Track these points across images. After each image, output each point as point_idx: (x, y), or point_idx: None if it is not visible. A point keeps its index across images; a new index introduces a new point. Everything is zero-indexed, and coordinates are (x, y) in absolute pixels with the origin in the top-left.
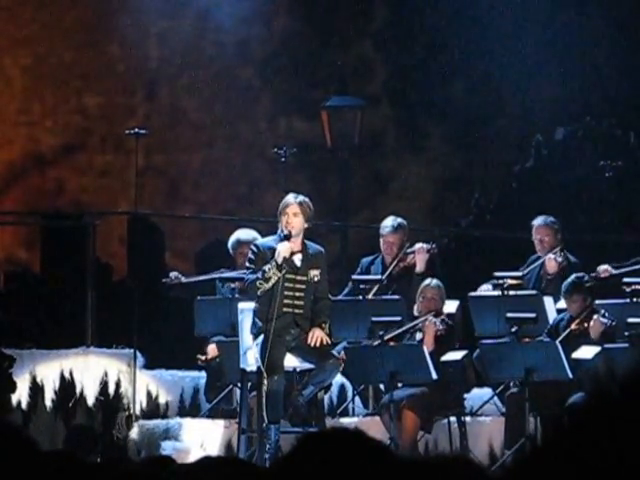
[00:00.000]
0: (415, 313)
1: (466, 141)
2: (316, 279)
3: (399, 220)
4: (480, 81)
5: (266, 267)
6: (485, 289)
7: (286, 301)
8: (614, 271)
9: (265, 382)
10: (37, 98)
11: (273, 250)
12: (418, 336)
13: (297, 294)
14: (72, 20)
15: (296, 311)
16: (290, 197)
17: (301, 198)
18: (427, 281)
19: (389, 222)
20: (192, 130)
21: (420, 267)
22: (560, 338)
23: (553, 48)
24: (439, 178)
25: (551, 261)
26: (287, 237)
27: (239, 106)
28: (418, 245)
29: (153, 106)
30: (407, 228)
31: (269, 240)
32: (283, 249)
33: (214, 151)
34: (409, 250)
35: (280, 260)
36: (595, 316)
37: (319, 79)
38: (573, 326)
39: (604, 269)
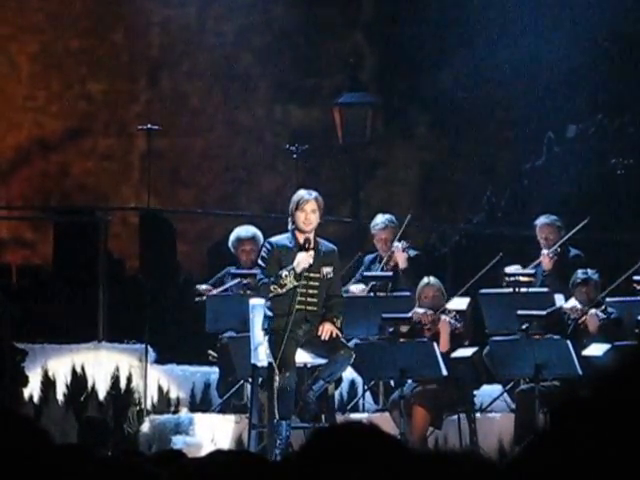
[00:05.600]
0: (417, 308)
1: (453, 130)
2: (329, 276)
3: (388, 216)
4: (483, 73)
5: (283, 273)
6: None
7: (299, 298)
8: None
9: (277, 378)
10: (43, 84)
11: (286, 249)
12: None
13: (310, 291)
14: (77, 9)
15: (309, 308)
16: (304, 193)
17: (315, 194)
18: (425, 280)
19: (379, 220)
20: (192, 115)
21: (402, 264)
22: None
23: (564, 45)
24: (425, 163)
25: (545, 258)
26: (305, 248)
27: (238, 93)
28: (395, 244)
29: (155, 92)
30: (397, 223)
31: (282, 238)
32: (303, 260)
33: (214, 136)
34: (393, 248)
35: (299, 270)
36: (592, 311)
37: (316, 67)
38: (580, 319)
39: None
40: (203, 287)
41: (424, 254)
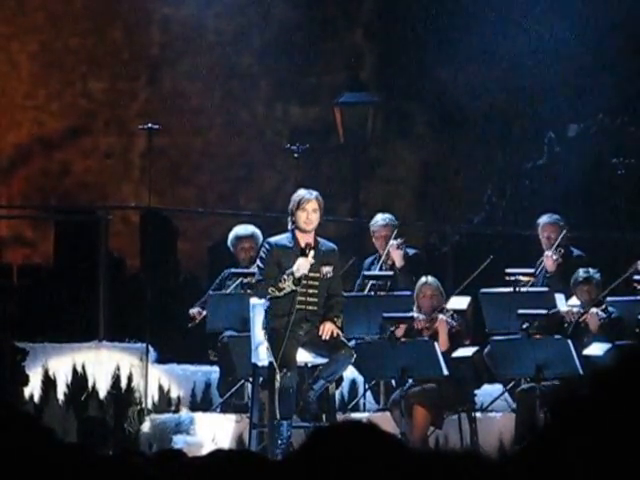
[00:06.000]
0: (415, 313)
1: (452, 129)
2: (329, 275)
3: (388, 215)
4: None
5: (283, 276)
6: None
7: (299, 298)
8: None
9: (277, 378)
10: (43, 83)
11: (286, 249)
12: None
13: (310, 290)
14: (77, 7)
15: (309, 307)
16: (305, 193)
17: (316, 193)
18: (423, 279)
19: (379, 217)
20: (192, 114)
21: (398, 262)
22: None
23: (566, 44)
24: (424, 162)
25: (548, 259)
26: (306, 253)
27: (238, 91)
28: (391, 242)
29: (155, 91)
30: (396, 222)
31: (282, 238)
32: (303, 265)
33: (213, 134)
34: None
35: (298, 275)
36: (592, 310)
37: (315, 66)
38: (580, 319)
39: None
40: (194, 311)
41: (424, 253)
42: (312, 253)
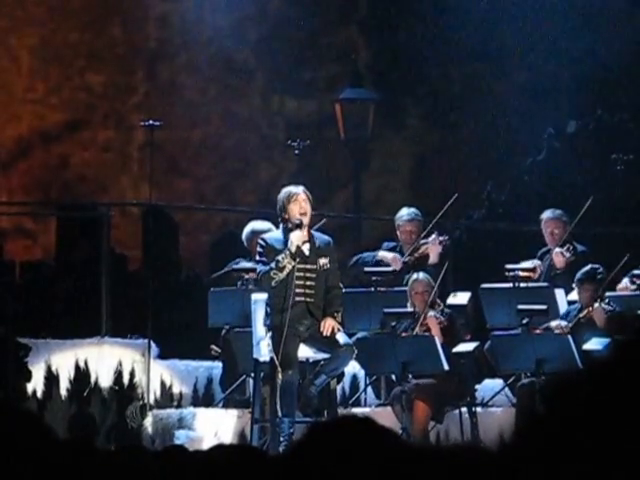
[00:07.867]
0: (409, 309)
1: (449, 125)
2: (326, 267)
3: (413, 209)
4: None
5: (279, 257)
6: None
7: (298, 290)
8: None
9: (280, 376)
10: (43, 77)
11: (281, 242)
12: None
13: (308, 283)
14: (76, 2)
15: (308, 300)
16: (293, 188)
17: (302, 187)
18: (414, 276)
19: (405, 212)
20: (190, 107)
21: (433, 259)
22: (570, 326)
23: (565, 41)
24: (417, 155)
25: (558, 256)
26: (299, 226)
27: (234, 85)
28: (432, 236)
29: (153, 84)
30: (421, 218)
31: (276, 233)
32: (296, 237)
33: (210, 128)
34: (423, 241)
35: (294, 249)
36: (596, 304)
37: (311, 60)
38: (581, 314)
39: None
40: (248, 265)
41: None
42: (306, 245)
